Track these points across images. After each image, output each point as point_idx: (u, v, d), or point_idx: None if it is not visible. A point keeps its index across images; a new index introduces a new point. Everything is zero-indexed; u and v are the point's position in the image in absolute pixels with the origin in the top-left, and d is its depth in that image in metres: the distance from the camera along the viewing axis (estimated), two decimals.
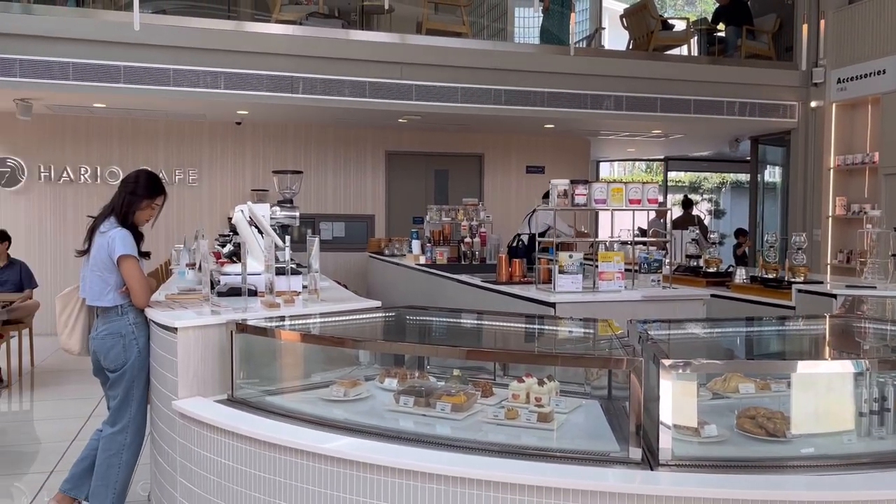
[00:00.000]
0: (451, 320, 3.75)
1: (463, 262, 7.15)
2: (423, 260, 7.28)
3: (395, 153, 10.93)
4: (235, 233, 8.08)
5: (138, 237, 3.61)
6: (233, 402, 2.99)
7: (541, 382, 2.78)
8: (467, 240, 7.23)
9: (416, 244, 7.58)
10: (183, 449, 2.99)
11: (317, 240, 3.82)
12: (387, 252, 8.79)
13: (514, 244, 6.02)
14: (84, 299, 3.62)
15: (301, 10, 8.85)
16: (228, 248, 6.57)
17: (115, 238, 3.47)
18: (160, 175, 9.50)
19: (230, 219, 8.86)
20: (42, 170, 9.40)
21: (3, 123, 9.21)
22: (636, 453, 2.28)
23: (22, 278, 7.00)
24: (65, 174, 9.47)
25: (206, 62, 8.03)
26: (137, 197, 3.60)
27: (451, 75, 8.76)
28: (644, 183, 4.60)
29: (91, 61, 7.65)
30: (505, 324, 3.65)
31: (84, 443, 3.78)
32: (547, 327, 3.58)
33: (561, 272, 4.27)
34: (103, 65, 7.69)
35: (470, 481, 2.25)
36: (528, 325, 3.66)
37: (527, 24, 12.38)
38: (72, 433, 5.10)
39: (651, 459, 2.27)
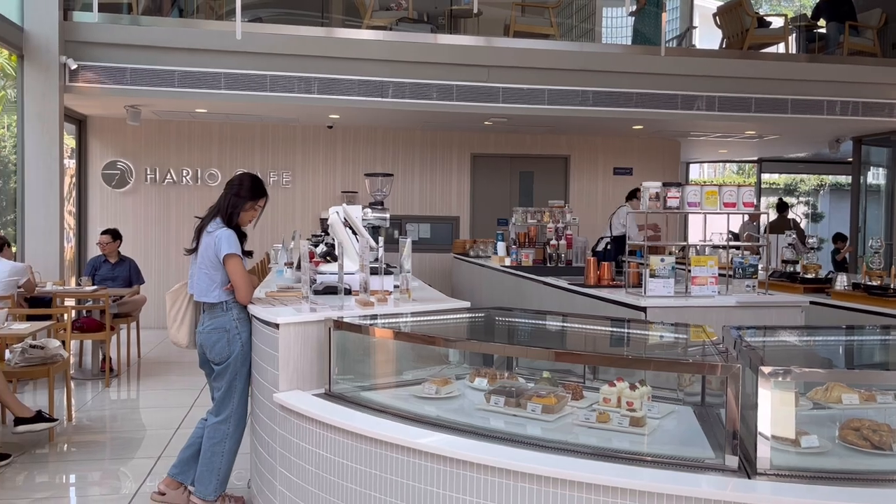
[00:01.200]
0: (540, 322, 3.77)
1: (548, 265, 7.14)
2: (508, 262, 7.31)
3: (480, 155, 11.00)
4: (327, 233, 8.35)
5: (242, 237, 3.80)
6: (330, 396, 3.11)
7: (632, 387, 2.77)
8: (553, 242, 7.21)
9: (501, 246, 7.62)
10: (283, 440, 3.13)
11: (409, 241, 3.91)
12: (471, 253, 8.86)
13: (601, 247, 5.97)
14: (192, 295, 3.83)
15: (391, 16, 9.05)
16: (321, 247, 6.80)
17: (220, 238, 3.66)
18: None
19: (322, 219, 9.16)
20: (148, 172, 9.95)
21: (114, 128, 9.81)
22: (732, 461, 2.25)
23: (131, 274, 7.42)
24: (168, 176, 9.99)
25: (300, 68, 8.32)
26: (241, 199, 3.79)
27: (538, 77, 8.76)
28: (739, 185, 4.49)
29: (194, 69, 8.06)
30: (593, 327, 3.64)
31: (187, 431, 4.00)
32: (637, 331, 3.56)
33: (652, 276, 4.22)
34: (205, 72, 8.09)
35: (562, 482, 2.28)
36: (617, 329, 3.65)
37: (615, 24, 12.22)
38: (175, 421, 5.40)
39: (748, 468, 2.24)
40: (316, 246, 6.90)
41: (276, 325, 3.22)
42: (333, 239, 7.64)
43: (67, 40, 7.81)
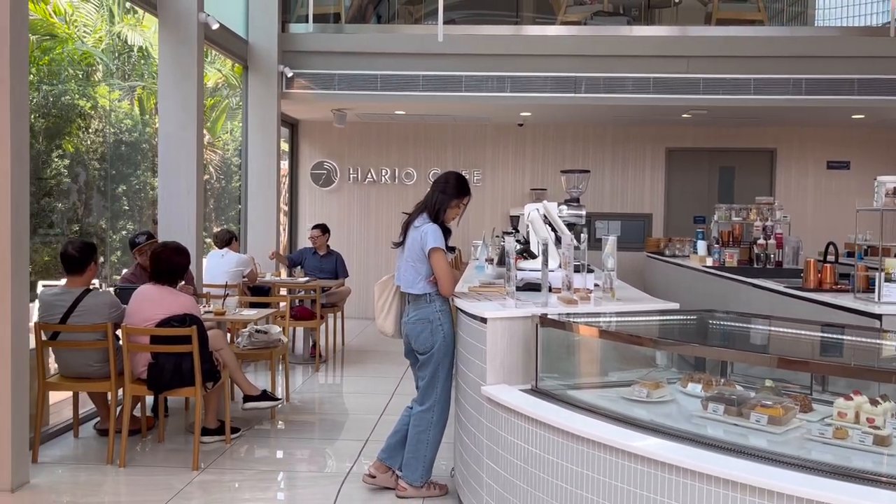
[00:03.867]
0: (757, 326, 3.54)
1: (755, 266, 6.68)
2: (710, 262, 6.93)
3: (675, 150, 10.54)
4: (517, 230, 8.41)
5: (447, 233, 3.93)
6: (537, 392, 3.12)
7: (873, 402, 2.51)
8: (760, 241, 6.74)
9: (701, 245, 7.25)
10: (490, 432, 3.19)
11: (613, 238, 3.83)
12: (667, 252, 8.52)
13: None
14: (398, 287, 4.01)
15: (586, 10, 8.93)
16: (513, 244, 6.87)
17: (427, 232, 3.80)
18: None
19: (512, 217, 9.25)
20: (351, 172, 10.59)
21: (321, 131, 10.55)
22: None
23: (337, 267, 7.93)
24: (369, 175, 10.56)
25: (493, 67, 8.46)
26: (447, 196, 3.91)
27: (743, 66, 8.24)
28: None
29: (395, 72, 8.45)
30: (817, 333, 3.36)
31: (390, 417, 4.20)
32: (870, 340, 3.23)
33: (888, 280, 3.81)
34: (405, 75, 8.45)
35: (797, 499, 2.12)
36: (845, 337, 3.33)
37: (829, 4, 11.17)
38: (379, 407, 5.70)
39: None
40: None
41: (484, 320, 3.29)
42: (524, 236, 7.68)
43: (284, 50, 8.50)
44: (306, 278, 7.45)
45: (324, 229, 7.91)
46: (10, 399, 3.82)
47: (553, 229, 4.45)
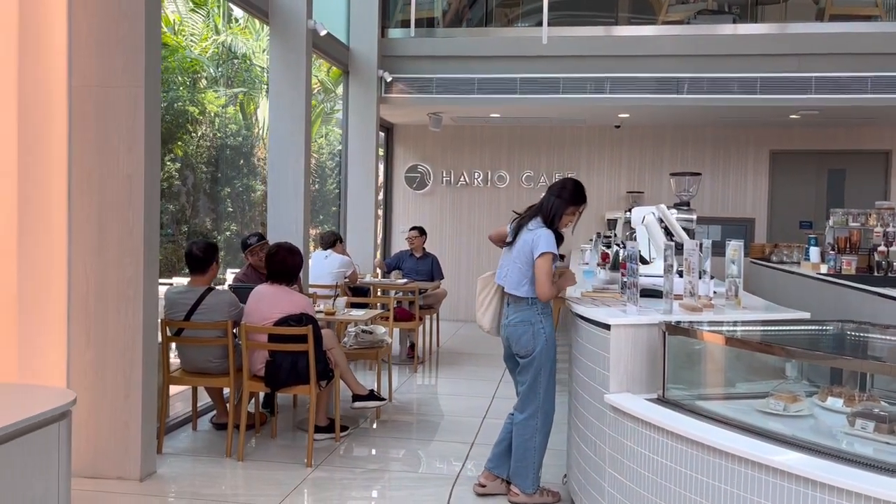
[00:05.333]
0: None
1: (875, 274, 6.33)
2: (824, 269, 6.61)
3: (780, 152, 10.12)
4: (615, 234, 8.25)
5: (559, 239, 3.87)
6: (664, 401, 3.04)
7: None
8: (881, 248, 6.37)
9: (814, 251, 6.91)
10: (614, 442, 3.13)
11: (737, 243, 3.69)
12: (773, 258, 8.17)
13: None
14: (499, 285, 3.98)
15: (689, 9, 8.69)
16: (616, 249, 6.74)
17: (540, 236, 3.76)
18: (541, 180, 10.16)
19: (609, 220, 9.08)
20: (444, 175, 10.64)
21: (416, 135, 10.65)
22: None
23: (433, 269, 7.98)
24: (462, 178, 10.60)
25: (591, 69, 8.34)
26: (563, 202, 3.86)
27: (858, 63, 7.85)
28: None
29: (493, 75, 8.45)
30: None
31: (493, 421, 4.18)
32: None
33: None
34: (503, 78, 8.44)
35: None
36: None
37: None
38: (480, 411, 5.68)
39: None
40: (608, 247, 6.86)
41: (607, 326, 3.23)
42: (622, 240, 7.52)
43: (383, 55, 8.63)
44: (404, 280, 7.53)
45: (421, 231, 7.98)
46: (140, 392, 4.01)
47: (668, 233, 4.34)
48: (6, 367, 3.47)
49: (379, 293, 7.46)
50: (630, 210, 9.37)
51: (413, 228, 8.00)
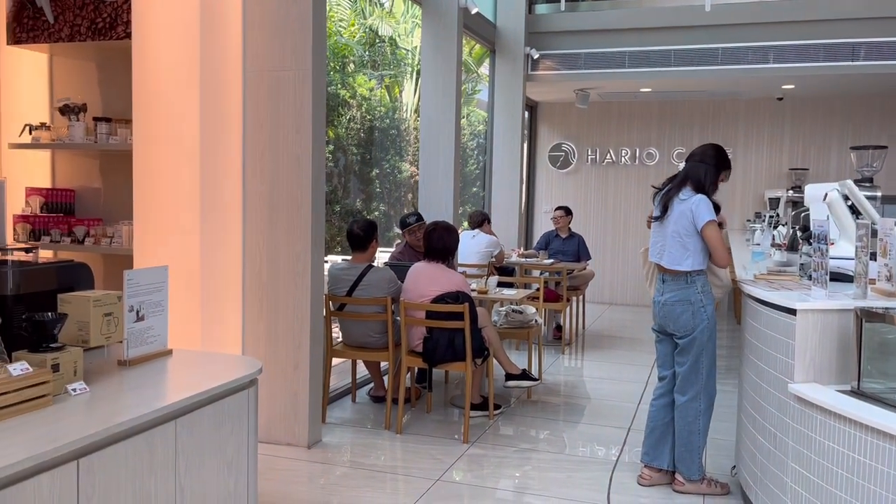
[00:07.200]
0: None
1: None
2: None
3: None
4: (777, 213, 7.71)
5: (716, 206, 3.66)
6: (859, 394, 2.79)
7: None
8: None
9: None
10: (798, 434, 2.91)
11: None
12: None
13: None
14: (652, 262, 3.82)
15: None
16: (782, 229, 6.30)
17: (699, 205, 3.57)
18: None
19: (771, 199, 8.52)
20: (589, 153, 10.38)
21: (560, 113, 10.46)
22: None
23: (579, 249, 7.82)
24: (608, 156, 10.30)
25: (752, 37, 7.82)
26: (715, 168, 3.67)
27: None
28: None
29: (645, 48, 8.11)
30: None
31: (647, 406, 4.00)
32: None
33: None
34: (655, 50, 8.08)
35: None
36: None
37: None
38: (633, 396, 5.52)
39: None
40: (775, 228, 6.43)
41: (792, 311, 2.99)
42: (784, 221, 7.00)
43: (530, 32, 8.50)
44: (550, 260, 7.43)
45: (567, 211, 7.82)
46: (308, 363, 4.19)
47: (854, 212, 3.99)
48: (192, 336, 3.72)
49: (525, 273, 7.42)
50: (792, 189, 8.76)
51: (559, 208, 7.86)
